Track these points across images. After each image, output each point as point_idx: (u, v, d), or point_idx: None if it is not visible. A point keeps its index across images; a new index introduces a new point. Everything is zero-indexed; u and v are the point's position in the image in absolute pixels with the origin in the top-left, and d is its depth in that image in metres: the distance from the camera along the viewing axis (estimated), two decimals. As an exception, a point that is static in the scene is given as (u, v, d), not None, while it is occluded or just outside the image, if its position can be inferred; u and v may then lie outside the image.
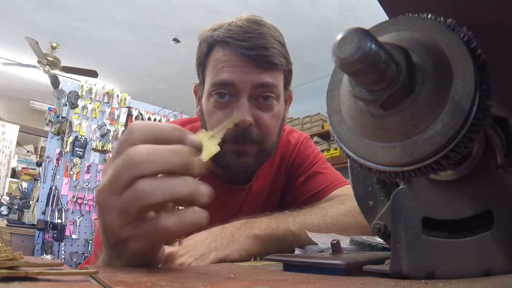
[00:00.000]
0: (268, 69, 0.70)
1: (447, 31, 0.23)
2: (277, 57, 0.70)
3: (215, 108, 0.71)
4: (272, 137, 0.74)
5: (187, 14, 3.65)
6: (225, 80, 0.69)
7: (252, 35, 0.68)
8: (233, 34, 0.69)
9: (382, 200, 0.34)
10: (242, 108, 0.68)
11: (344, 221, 0.67)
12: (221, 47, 0.71)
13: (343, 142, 0.26)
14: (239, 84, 0.69)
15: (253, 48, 0.68)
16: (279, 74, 0.73)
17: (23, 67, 4.60)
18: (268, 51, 0.69)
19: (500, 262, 0.25)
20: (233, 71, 0.69)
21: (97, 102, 4.01)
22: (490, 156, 0.28)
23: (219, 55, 0.71)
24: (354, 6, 3.45)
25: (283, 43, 0.74)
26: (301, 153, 0.88)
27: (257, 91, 0.70)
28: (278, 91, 0.73)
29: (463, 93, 0.22)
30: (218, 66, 0.70)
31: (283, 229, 0.61)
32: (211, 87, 0.71)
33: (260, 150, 0.72)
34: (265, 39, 0.69)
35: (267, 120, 0.72)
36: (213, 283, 0.25)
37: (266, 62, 0.69)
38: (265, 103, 0.72)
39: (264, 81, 0.70)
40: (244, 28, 0.69)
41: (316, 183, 0.84)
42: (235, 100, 0.70)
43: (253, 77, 0.69)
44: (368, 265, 0.34)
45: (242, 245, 0.56)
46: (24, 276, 0.21)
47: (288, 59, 0.75)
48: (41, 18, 3.81)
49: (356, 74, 0.22)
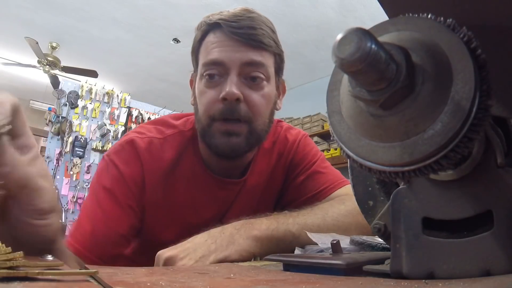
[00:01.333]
0: (256, 48, 0.72)
1: (447, 31, 0.23)
2: (265, 37, 0.72)
3: (205, 88, 0.73)
4: (262, 117, 0.74)
5: (187, 14, 3.65)
6: (215, 58, 0.71)
7: (242, 18, 0.71)
8: (224, 17, 0.72)
9: (382, 200, 0.34)
10: (230, 82, 0.70)
11: (344, 222, 0.67)
12: (213, 31, 0.74)
13: (343, 142, 0.26)
14: (228, 62, 0.70)
15: (241, 27, 0.70)
16: (268, 55, 0.75)
17: (23, 67, 4.60)
18: (256, 30, 0.71)
19: (500, 262, 0.25)
20: (222, 50, 0.71)
21: (97, 102, 4.01)
22: (490, 156, 0.28)
23: (210, 37, 0.74)
24: (354, 6, 3.45)
25: (273, 29, 0.76)
26: (300, 151, 0.87)
27: (246, 70, 0.71)
28: (267, 71, 0.74)
29: (463, 93, 0.22)
30: (209, 48, 0.73)
31: (283, 230, 0.61)
32: (202, 68, 0.73)
33: (250, 130, 0.72)
34: (254, 21, 0.72)
35: (255, 98, 0.72)
36: (213, 283, 0.25)
37: (255, 40, 0.71)
38: (254, 83, 0.73)
39: (252, 58, 0.71)
40: (235, 13, 0.72)
41: (316, 183, 0.83)
42: (224, 79, 0.71)
43: (241, 55, 0.71)
44: (368, 265, 0.34)
45: (242, 246, 0.56)
46: (24, 276, 0.21)
47: (278, 44, 0.77)
48: (41, 18, 3.81)
49: (356, 74, 0.22)
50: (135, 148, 0.76)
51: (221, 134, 0.71)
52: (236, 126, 0.71)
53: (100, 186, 0.73)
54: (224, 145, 0.71)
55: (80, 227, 0.70)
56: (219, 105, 0.70)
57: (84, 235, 0.68)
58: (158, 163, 0.76)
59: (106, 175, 0.74)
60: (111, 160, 0.75)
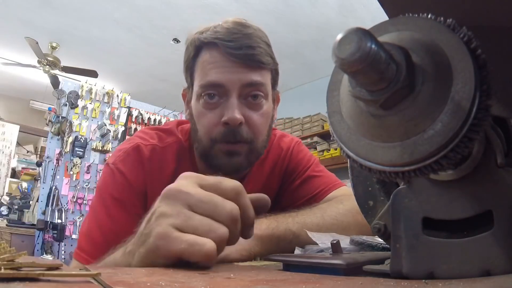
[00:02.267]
0: (255, 68, 0.71)
1: (447, 31, 0.23)
2: (264, 56, 0.72)
3: (205, 109, 0.72)
4: (262, 136, 0.75)
5: (187, 14, 3.65)
6: (214, 81, 0.70)
7: (239, 36, 0.70)
8: (220, 35, 0.70)
9: (382, 200, 0.34)
10: (232, 107, 0.69)
11: (343, 221, 0.68)
12: (208, 49, 0.72)
13: (343, 142, 0.26)
14: (227, 84, 0.70)
15: (240, 48, 0.69)
16: (266, 73, 0.75)
17: (23, 67, 4.60)
18: (255, 50, 0.70)
19: (500, 262, 0.25)
20: (221, 71, 0.70)
21: (97, 102, 4.01)
22: (490, 156, 0.28)
23: (206, 57, 0.72)
24: (354, 6, 3.45)
25: (268, 43, 0.76)
26: (294, 158, 0.88)
27: (246, 90, 0.71)
28: (266, 89, 0.74)
29: (463, 93, 0.22)
30: (206, 68, 0.72)
31: (283, 229, 0.61)
32: (200, 89, 0.72)
33: (251, 149, 0.73)
34: (251, 39, 0.71)
35: (256, 119, 0.73)
36: (213, 283, 0.25)
37: (254, 61, 0.70)
38: (254, 102, 0.73)
39: (252, 79, 0.71)
40: (230, 30, 0.71)
41: (312, 186, 0.84)
42: (224, 100, 0.71)
43: (242, 76, 0.70)
44: (368, 265, 0.34)
45: (243, 245, 0.56)
46: (25, 276, 0.21)
47: (274, 59, 0.76)
48: (41, 18, 3.80)
49: (356, 74, 0.22)
50: (140, 155, 0.76)
51: (223, 154, 0.72)
52: (238, 146, 0.71)
53: (109, 195, 0.73)
54: (226, 165, 0.72)
55: (91, 238, 0.70)
56: (221, 128, 0.71)
57: (95, 246, 0.68)
58: (159, 172, 0.76)
59: (114, 183, 0.74)
60: (118, 168, 0.75)
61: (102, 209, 0.73)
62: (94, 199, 0.78)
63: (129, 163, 0.75)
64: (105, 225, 0.70)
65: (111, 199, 0.73)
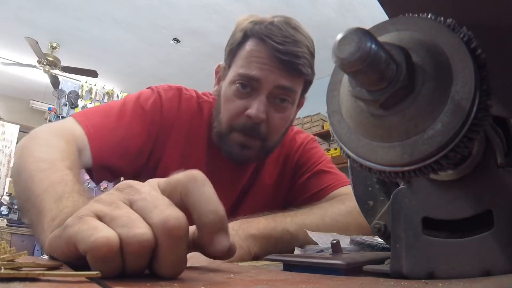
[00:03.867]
0: (293, 75, 0.74)
1: (447, 31, 0.23)
2: (305, 66, 0.74)
3: (234, 96, 0.75)
4: (277, 136, 0.78)
5: (187, 14, 3.65)
6: (253, 75, 0.73)
7: (289, 40, 0.72)
8: (272, 34, 0.72)
9: (382, 200, 0.34)
10: (259, 104, 0.72)
11: (343, 222, 0.67)
12: (256, 42, 0.74)
13: (343, 142, 0.26)
14: (263, 81, 0.72)
15: (287, 53, 0.72)
16: (300, 81, 0.77)
17: (23, 67, 4.60)
18: (299, 59, 0.73)
19: (500, 262, 0.25)
20: (262, 68, 0.72)
21: (97, 102, 4.01)
22: (490, 156, 0.28)
23: (252, 48, 0.74)
24: (354, 6, 3.45)
25: (313, 53, 0.78)
26: (306, 152, 0.90)
27: (277, 92, 0.74)
28: (295, 96, 0.77)
29: (463, 93, 0.22)
30: (249, 59, 0.74)
31: (280, 229, 0.61)
32: (237, 76, 0.75)
33: (263, 146, 0.76)
34: (299, 47, 0.73)
35: (277, 121, 0.76)
36: (213, 283, 0.25)
37: (294, 69, 0.73)
38: (280, 105, 0.76)
39: (285, 84, 0.74)
40: (282, 32, 0.73)
41: (319, 181, 0.85)
42: (254, 94, 0.74)
43: (278, 79, 0.73)
44: (368, 265, 0.34)
45: (242, 247, 0.56)
46: (25, 276, 0.21)
47: (313, 70, 0.79)
48: (41, 18, 3.80)
49: (356, 74, 0.22)
50: (179, 96, 0.81)
51: (237, 144, 0.74)
52: (252, 141, 0.74)
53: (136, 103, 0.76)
54: (236, 155, 0.76)
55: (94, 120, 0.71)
56: (242, 119, 0.73)
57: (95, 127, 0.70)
58: (188, 121, 0.80)
59: (148, 99, 0.78)
60: (158, 92, 0.80)
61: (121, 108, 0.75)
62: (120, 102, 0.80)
63: (169, 95, 0.81)
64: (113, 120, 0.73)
65: (135, 105, 0.76)
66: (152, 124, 0.76)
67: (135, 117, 0.74)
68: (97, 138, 0.69)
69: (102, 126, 0.71)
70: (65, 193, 0.44)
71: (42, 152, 0.56)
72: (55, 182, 0.48)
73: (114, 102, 0.80)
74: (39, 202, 0.44)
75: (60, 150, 0.58)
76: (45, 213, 0.41)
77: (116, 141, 0.71)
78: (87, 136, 0.68)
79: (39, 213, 0.42)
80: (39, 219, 0.42)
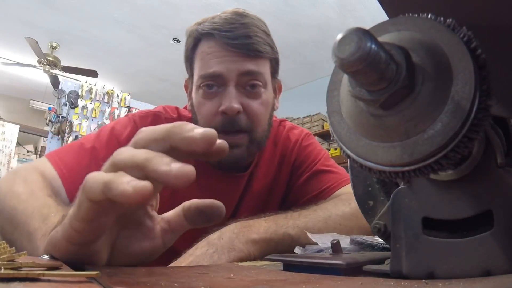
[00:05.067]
0: (252, 57, 0.71)
1: (447, 31, 0.23)
2: (261, 45, 0.72)
3: (204, 99, 0.73)
4: (261, 125, 0.75)
5: (187, 14, 3.65)
6: (212, 71, 0.71)
7: (236, 25, 0.70)
8: (217, 26, 0.71)
9: (382, 200, 0.34)
10: (229, 96, 0.70)
11: (346, 225, 0.66)
12: (206, 40, 0.73)
13: (343, 142, 0.26)
14: (225, 74, 0.70)
15: (237, 38, 0.70)
16: (264, 62, 0.74)
17: (23, 67, 4.60)
18: (252, 39, 0.70)
19: (500, 262, 0.25)
20: (219, 62, 0.70)
21: (97, 102, 4.01)
22: (490, 156, 0.28)
23: (204, 47, 0.73)
24: (354, 6, 3.45)
25: (267, 32, 0.76)
26: (302, 151, 0.86)
27: (244, 79, 0.72)
28: (264, 78, 0.74)
29: (463, 93, 0.22)
30: (204, 59, 0.72)
31: (281, 233, 0.60)
32: (199, 79, 0.73)
33: (251, 140, 0.73)
34: (248, 28, 0.71)
35: (255, 108, 0.73)
36: (214, 283, 0.25)
37: (250, 50, 0.71)
38: (252, 91, 0.73)
39: (249, 68, 0.71)
40: (227, 20, 0.71)
41: (320, 181, 0.82)
42: (222, 90, 0.71)
43: (239, 66, 0.70)
44: (368, 265, 0.34)
45: (243, 251, 0.55)
46: (25, 276, 0.21)
47: (273, 48, 0.76)
48: (41, 18, 3.81)
49: (356, 74, 0.22)
50: (158, 122, 0.76)
51: None
52: (237, 138, 0.71)
53: (111, 134, 0.74)
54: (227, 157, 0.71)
55: (67, 159, 0.70)
56: (219, 118, 0.71)
57: (68, 167, 0.68)
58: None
59: (123, 129, 0.75)
60: (134, 120, 0.77)
61: (91, 139, 0.74)
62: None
63: (146, 124, 0.76)
64: (83, 152, 0.71)
65: (109, 133, 0.74)
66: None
67: (109, 150, 0.72)
68: (71, 178, 0.68)
69: (76, 165, 0.69)
70: (50, 213, 0.45)
71: (20, 186, 0.57)
72: (38, 207, 0.48)
73: (89, 136, 0.77)
74: (27, 226, 0.45)
75: (36, 182, 0.59)
76: (35, 233, 0.42)
77: None
78: (60, 178, 0.67)
79: (29, 235, 0.43)
80: (30, 240, 0.42)
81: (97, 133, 0.77)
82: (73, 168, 0.69)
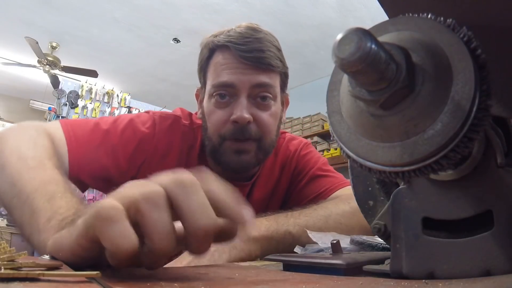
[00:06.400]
0: (265, 70, 0.74)
1: (447, 31, 0.23)
2: (273, 59, 0.75)
3: (215, 108, 0.75)
4: (270, 135, 0.77)
5: (187, 14, 3.65)
6: (226, 81, 0.73)
7: (250, 40, 0.73)
8: (233, 39, 0.74)
9: (382, 200, 0.34)
10: (240, 106, 0.72)
11: (347, 224, 0.66)
12: (221, 51, 0.76)
13: (343, 142, 0.26)
14: (238, 85, 0.73)
15: (250, 51, 0.73)
16: (275, 75, 0.77)
17: (23, 67, 4.60)
18: (265, 53, 0.74)
19: (500, 262, 0.25)
20: (232, 72, 0.73)
21: (97, 102, 4.01)
22: (490, 156, 0.28)
23: (219, 58, 0.76)
24: (354, 6, 3.45)
25: (279, 48, 0.79)
26: (301, 159, 0.89)
27: (255, 91, 0.74)
28: (274, 91, 0.77)
29: (463, 93, 0.22)
30: (218, 69, 0.75)
31: (282, 231, 0.61)
32: (212, 88, 0.75)
33: (259, 147, 0.76)
34: (261, 43, 0.74)
35: (265, 118, 0.75)
36: (214, 283, 0.25)
37: (263, 63, 0.74)
38: (262, 103, 0.76)
39: (261, 81, 0.74)
40: (242, 34, 0.74)
41: (318, 185, 0.84)
42: (234, 100, 0.74)
43: (251, 78, 0.73)
44: (368, 265, 0.34)
45: (244, 250, 0.56)
46: (25, 276, 0.21)
47: (284, 63, 0.79)
48: (41, 18, 3.80)
49: (356, 74, 0.22)
50: (173, 129, 0.79)
51: (232, 152, 0.74)
52: (246, 144, 0.74)
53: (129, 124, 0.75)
54: (235, 163, 0.74)
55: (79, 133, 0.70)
56: (230, 126, 0.73)
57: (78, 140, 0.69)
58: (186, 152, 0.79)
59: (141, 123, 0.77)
60: (154, 119, 0.79)
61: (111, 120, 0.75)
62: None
63: (165, 124, 0.79)
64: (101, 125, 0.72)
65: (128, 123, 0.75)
66: (140, 151, 0.75)
67: (122, 139, 0.73)
68: (78, 154, 0.68)
69: (86, 143, 0.70)
70: (57, 192, 0.44)
71: (28, 148, 0.55)
72: (45, 181, 0.47)
73: (106, 118, 0.78)
74: (31, 201, 0.43)
75: (46, 149, 0.58)
76: (38, 213, 0.41)
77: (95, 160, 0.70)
78: (68, 149, 0.67)
79: (32, 212, 0.42)
80: (32, 219, 0.41)
81: (115, 119, 0.77)
82: (82, 144, 0.69)
